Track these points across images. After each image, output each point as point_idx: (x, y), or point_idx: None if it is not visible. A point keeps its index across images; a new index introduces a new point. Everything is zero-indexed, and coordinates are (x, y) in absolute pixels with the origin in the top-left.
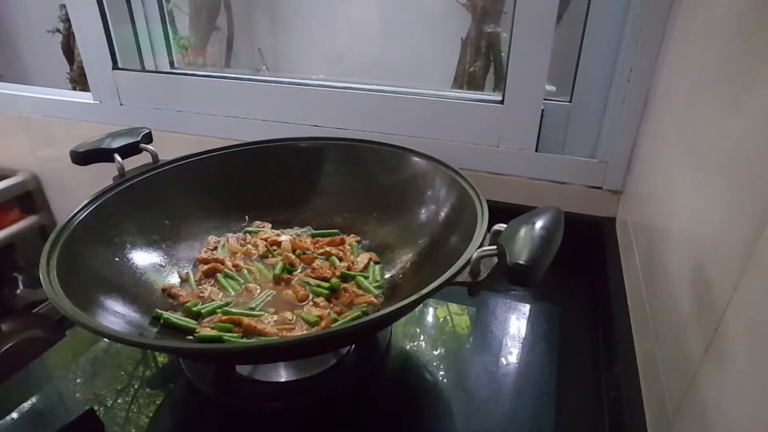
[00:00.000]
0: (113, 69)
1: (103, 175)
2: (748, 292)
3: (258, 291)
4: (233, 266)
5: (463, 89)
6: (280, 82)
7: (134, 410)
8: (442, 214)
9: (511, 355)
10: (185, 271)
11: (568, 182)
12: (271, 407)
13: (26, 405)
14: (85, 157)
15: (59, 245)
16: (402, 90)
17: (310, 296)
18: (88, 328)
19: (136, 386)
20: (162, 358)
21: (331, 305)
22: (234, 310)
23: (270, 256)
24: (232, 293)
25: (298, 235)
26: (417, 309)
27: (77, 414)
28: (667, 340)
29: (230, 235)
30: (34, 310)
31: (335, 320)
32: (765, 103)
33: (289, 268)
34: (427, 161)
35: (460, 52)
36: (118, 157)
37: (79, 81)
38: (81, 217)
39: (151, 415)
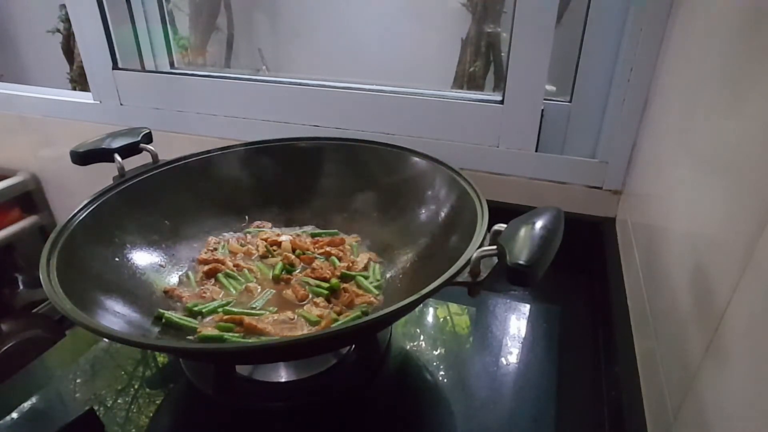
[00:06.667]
0: (113, 69)
1: (103, 175)
2: (748, 292)
3: (259, 290)
4: (234, 266)
5: (463, 89)
6: (280, 82)
7: (134, 410)
8: (442, 214)
9: (511, 355)
10: (185, 272)
11: (568, 182)
12: (271, 407)
13: (26, 405)
14: (85, 157)
15: (59, 245)
16: (402, 90)
17: (310, 296)
18: (88, 328)
19: (136, 386)
20: (162, 358)
21: (331, 305)
22: (235, 309)
23: (270, 256)
24: (233, 292)
25: (298, 235)
26: (417, 309)
27: (77, 414)
28: (667, 340)
29: (230, 235)
30: (34, 310)
31: (335, 320)
32: (765, 103)
33: (289, 268)
34: (427, 161)
35: (460, 52)
36: (118, 157)
37: (79, 81)
38: (81, 217)
39: (151, 415)
